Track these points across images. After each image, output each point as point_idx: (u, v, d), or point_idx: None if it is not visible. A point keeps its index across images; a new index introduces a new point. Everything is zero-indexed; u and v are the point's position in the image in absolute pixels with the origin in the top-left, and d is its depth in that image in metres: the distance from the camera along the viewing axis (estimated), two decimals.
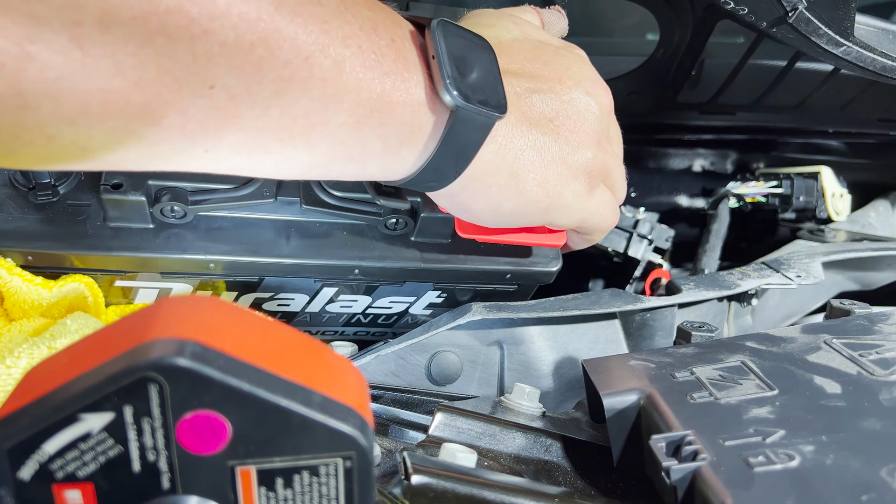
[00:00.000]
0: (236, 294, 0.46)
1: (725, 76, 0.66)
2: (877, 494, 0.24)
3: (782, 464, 0.26)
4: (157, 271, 0.42)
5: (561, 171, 0.38)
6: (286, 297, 0.47)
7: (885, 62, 0.49)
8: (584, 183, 0.39)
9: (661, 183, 0.86)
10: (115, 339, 0.20)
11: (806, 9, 0.45)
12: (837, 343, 0.35)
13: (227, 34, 0.25)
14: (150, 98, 0.25)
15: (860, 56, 0.48)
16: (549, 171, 0.37)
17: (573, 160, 0.38)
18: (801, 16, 0.45)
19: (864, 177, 0.78)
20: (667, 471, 0.27)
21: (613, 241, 0.65)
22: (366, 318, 0.51)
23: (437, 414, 0.37)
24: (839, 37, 0.47)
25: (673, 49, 0.64)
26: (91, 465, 0.20)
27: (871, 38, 0.49)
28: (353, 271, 0.43)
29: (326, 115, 0.29)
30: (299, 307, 0.48)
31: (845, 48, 0.48)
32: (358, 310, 0.50)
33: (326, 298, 0.47)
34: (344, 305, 0.49)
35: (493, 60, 0.35)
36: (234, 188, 0.41)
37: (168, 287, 0.44)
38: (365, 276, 0.44)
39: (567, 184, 0.38)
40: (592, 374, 0.35)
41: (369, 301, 0.48)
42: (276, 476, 0.21)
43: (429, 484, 0.29)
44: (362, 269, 0.43)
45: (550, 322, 0.45)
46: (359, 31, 0.30)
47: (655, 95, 0.71)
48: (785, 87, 0.64)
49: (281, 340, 0.23)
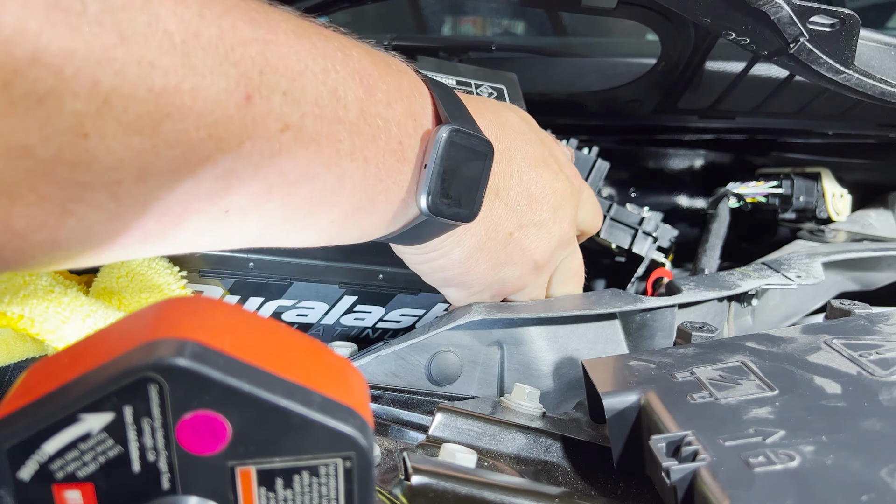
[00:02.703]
0: (262, 300, 0.47)
1: (726, 82, 0.66)
2: (877, 495, 0.24)
3: (782, 464, 0.26)
4: (197, 268, 0.44)
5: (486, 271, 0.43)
6: (306, 306, 0.48)
7: (884, 88, 0.49)
8: (494, 291, 0.45)
9: (661, 183, 0.86)
10: (115, 340, 0.21)
11: (808, 41, 0.46)
12: (837, 343, 0.35)
13: (247, 171, 0.28)
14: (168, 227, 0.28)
15: (860, 82, 0.49)
16: (479, 269, 0.42)
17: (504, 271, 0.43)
18: (802, 47, 0.46)
19: (864, 177, 0.78)
20: (667, 471, 0.27)
21: (618, 238, 0.65)
22: (374, 334, 0.53)
23: (437, 414, 0.37)
24: (839, 65, 0.48)
25: (674, 63, 0.64)
26: (91, 465, 0.20)
27: (871, 54, 0.49)
28: (378, 276, 0.46)
29: (320, 216, 0.33)
30: (317, 318, 0.49)
31: (845, 76, 0.48)
32: (370, 323, 0.51)
33: (344, 308, 0.49)
34: (358, 318, 0.50)
35: (486, 168, 0.38)
36: None
37: (200, 289, 0.45)
38: (388, 282, 0.46)
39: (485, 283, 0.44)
40: (592, 374, 0.35)
41: (382, 313, 0.50)
42: (276, 476, 0.21)
43: (429, 484, 0.29)
44: (386, 276, 0.45)
45: (550, 322, 0.45)
46: (370, 142, 0.32)
47: (655, 103, 0.71)
48: (785, 95, 0.64)
49: (281, 341, 0.23)
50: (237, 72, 0.26)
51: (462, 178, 0.36)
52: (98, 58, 0.22)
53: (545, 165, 0.44)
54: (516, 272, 0.44)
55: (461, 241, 0.41)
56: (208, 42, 0.25)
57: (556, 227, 0.44)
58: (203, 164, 0.26)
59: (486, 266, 0.43)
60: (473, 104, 0.41)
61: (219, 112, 0.26)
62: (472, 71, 0.57)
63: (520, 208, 0.42)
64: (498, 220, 0.41)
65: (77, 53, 0.22)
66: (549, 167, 0.44)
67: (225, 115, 0.26)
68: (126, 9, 0.23)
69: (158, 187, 0.26)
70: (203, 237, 0.29)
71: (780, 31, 0.45)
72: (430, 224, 0.37)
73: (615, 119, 0.76)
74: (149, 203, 0.26)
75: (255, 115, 0.27)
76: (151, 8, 0.24)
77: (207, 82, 0.25)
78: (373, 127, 0.32)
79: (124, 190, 0.25)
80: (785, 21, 0.44)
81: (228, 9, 0.26)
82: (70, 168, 0.23)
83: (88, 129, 0.23)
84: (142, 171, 0.25)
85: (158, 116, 0.24)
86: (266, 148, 0.28)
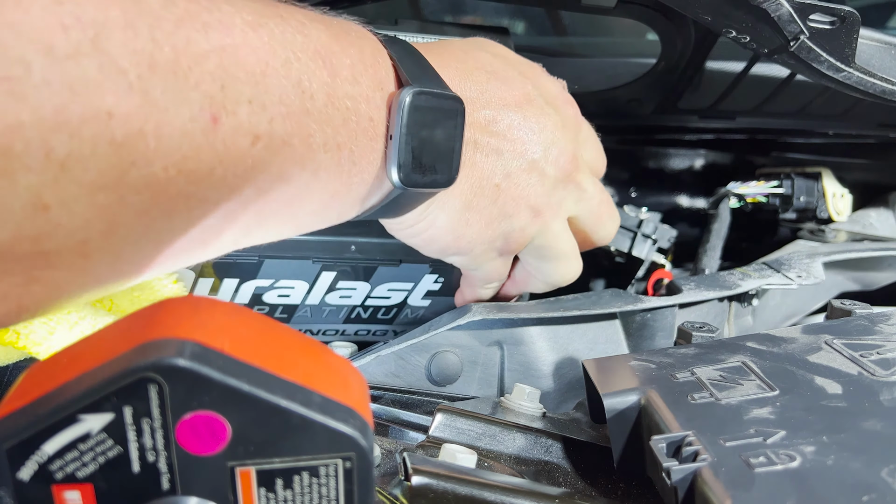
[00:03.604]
0: (238, 281, 0.46)
1: (726, 82, 0.66)
2: (878, 495, 0.24)
3: (783, 464, 0.26)
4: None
5: (481, 230, 0.40)
6: (286, 286, 0.47)
7: (884, 86, 0.49)
8: (498, 247, 0.42)
9: (662, 183, 0.86)
10: (115, 340, 0.20)
11: (808, 38, 0.45)
12: (838, 343, 0.35)
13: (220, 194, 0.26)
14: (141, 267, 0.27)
15: (860, 80, 0.49)
16: (471, 230, 0.40)
17: (497, 227, 0.40)
18: (802, 45, 0.46)
19: (864, 177, 0.78)
20: (667, 471, 0.27)
21: (617, 241, 0.65)
22: (366, 313, 0.51)
23: (438, 414, 0.37)
24: (840, 63, 0.47)
25: (674, 62, 0.64)
26: (90, 465, 0.20)
27: (872, 53, 0.49)
28: (350, 248, 0.44)
29: (296, 212, 0.31)
30: (300, 298, 0.48)
31: (846, 73, 0.48)
32: (357, 301, 0.50)
33: (326, 286, 0.47)
34: (343, 296, 0.49)
35: (458, 126, 0.35)
36: None
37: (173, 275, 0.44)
38: (361, 253, 0.44)
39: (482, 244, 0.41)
40: (593, 374, 0.35)
41: (368, 289, 0.49)
42: (276, 477, 0.21)
43: (429, 484, 0.29)
44: (359, 246, 0.44)
45: (550, 322, 0.45)
46: (341, 127, 0.30)
47: (655, 103, 0.71)
48: (785, 95, 0.64)
49: (281, 341, 0.23)
50: (199, 94, 0.24)
51: (433, 143, 0.34)
52: (49, 124, 0.20)
53: (528, 103, 0.40)
54: (516, 224, 0.41)
55: (445, 205, 0.38)
56: (165, 70, 0.23)
57: (551, 167, 0.40)
58: (174, 202, 0.25)
59: (479, 226, 0.40)
60: (436, 53, 0.38)
61: (186, 145, 0.24)
62: (458, 31, 0.54)
63: (504, 156, 0.39)
64: (481, 174, 0.38)
65: (25, 125, 0.20)
66: (533, 103, 0.40)
67: (193, 147, 0.24)
68: (74, 57, 0.21)
69: (127, 235, 0.24)
70: (178, 261, 0.28)
71: (781, 28, 0.45)
72: (406, 196, 0.35)
73: (615, 119, 0.76)
74: (119, 250, 0.25)
75: (223, 137, 0.25)
76: (101, 46, 0.21)
77: (171, 116, 0.23)
78: (342, 110, 0.31)
79: (92, 247, 0.23)
80: (785, 18, 0.44)
81: (179, 20, 0.24)
82: (32, 241, 0.22)
83: (48, 200, 0.21)
84: (110, 225, 0.23)
85: (122, 167, 0.22)
86: (239, 167, 0.26)
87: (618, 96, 0.72)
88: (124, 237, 0.24)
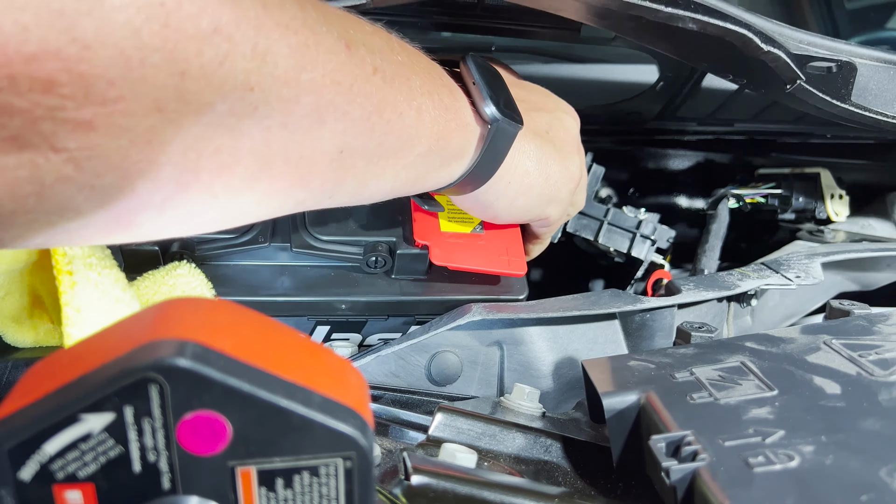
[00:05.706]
0: None
1: (724, 94, 0.66)
2: (876, 495, 0.24)
3: (782, 464, 0.26)
4: None
5: (560, 170, 0.46)
6: None
7: (878, 118, 0.50)
8: (575, 181, 0.48)
9: (661, 183, 0.86)
10: (116, 340, 0.21)
11: (805, 82, 0.46)
12: (837, 343, 0.35)
13: (356, 112, 0.31)
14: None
15: (854, 114, 0.49)
16: (551, 169, 0.45)
17: (567, 163, 0.46)
18: (799, 87, 0.47)
19: (863, 178, 0.78)
20: (666, 471, 0.27)
21: (616, 242, 0.65)
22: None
23: (437, 414, 0.37)
24: (836, 101, 0.48)
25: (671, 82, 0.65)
26: (91, 465, 0.20)
27: (870, 75, 0.49)
28: (341, 307, 0.46)
29: (409, 151, 0.36)
30: None
31: (840, 109, 0.49)
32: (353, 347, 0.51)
33: (321, 337, 0.49)
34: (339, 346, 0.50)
35: (506, 85, 0.42)
36: (235, 237, 0.45)
37: None
38: (351, 311, 0.47)
39: (564, 181, 0.46)
40: (592, 374, 0.35)
41: (360, 340, 0.50)
42: (277, 476, 0.21)
43: (429, 484, 0.29)
44: (348, 305, 0.46)
45: (550, 322, 0.45)
46: (427, 79, 0.36)
47: (654, 115, 0.72)
48: (783, 105, 0.64)
49: (281, 341, 0.23)
50: (336, 29, 0.30)
51: (500, 87, 0.41)
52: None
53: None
54: (577, 160, 0.47)
55: (524, 150, 0.43)
56: (315, 18, 0.29)
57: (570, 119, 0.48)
58: (326, 109, 0.30)
59: (556, 164, 0.45)
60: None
61: (334, 61, 0.29)
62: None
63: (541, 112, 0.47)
64: (531, 123, 0.44)
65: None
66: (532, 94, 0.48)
67: (339, 62, 0.30)
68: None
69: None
70: (328, 185, 0.33)
71: (778, 75, 0.46)
72: (501, 135, 0.39)
73: (614, 125, 0.77)
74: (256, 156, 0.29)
75: (356, 60, 0.31)
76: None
77: (322, 37, 0.29)
78: (420, 68, 0.36)
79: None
80: (783, 68, 0.45)
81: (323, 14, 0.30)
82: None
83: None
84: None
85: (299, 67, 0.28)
86: (367, 86, 0.31)
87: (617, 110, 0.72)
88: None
